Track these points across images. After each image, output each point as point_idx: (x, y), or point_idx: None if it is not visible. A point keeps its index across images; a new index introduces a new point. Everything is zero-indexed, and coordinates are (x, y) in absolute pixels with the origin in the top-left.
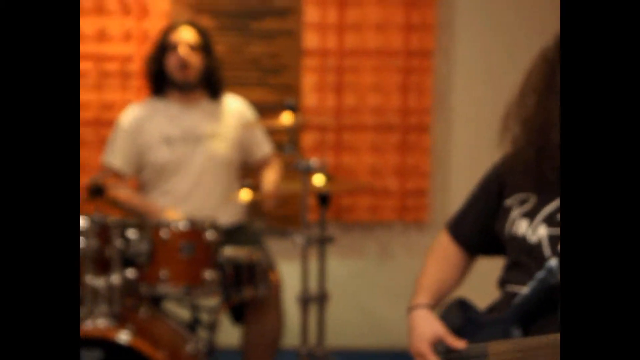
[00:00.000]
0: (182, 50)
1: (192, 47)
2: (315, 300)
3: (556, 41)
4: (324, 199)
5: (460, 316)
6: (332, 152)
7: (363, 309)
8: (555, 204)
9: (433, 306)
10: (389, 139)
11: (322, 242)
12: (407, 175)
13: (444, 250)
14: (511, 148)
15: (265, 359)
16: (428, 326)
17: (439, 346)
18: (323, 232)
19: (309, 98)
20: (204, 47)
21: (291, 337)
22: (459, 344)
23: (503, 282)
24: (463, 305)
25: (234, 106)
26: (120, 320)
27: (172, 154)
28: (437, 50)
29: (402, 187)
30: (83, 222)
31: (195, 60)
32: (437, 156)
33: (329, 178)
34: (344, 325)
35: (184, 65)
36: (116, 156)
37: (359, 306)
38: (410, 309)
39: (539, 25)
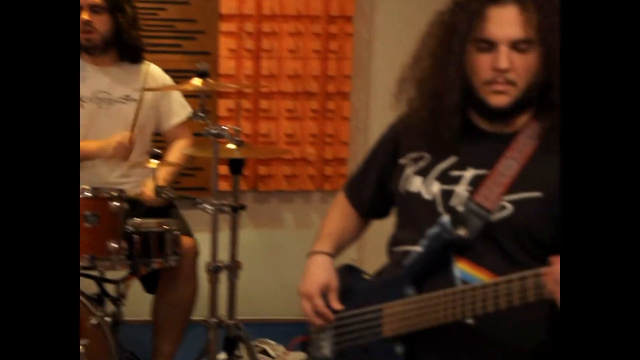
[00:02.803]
0: (84, 14)
1: (96, 9)
2: (225, 270)
3: (452, 5)
4: (236, 166)
5: (349, 280)
6: (250, 120)
7: (279, 279)
8: (448, 161)
9: (333, 257)
10: (308, 106)
11: (234, 210)
12: (326, 143)
13: (344, 207)
14: (406, 110)
15: (175, 330)
16: (324, 274)
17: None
18: (235, 200)
19: (226, 64)
20: (112, 7)
21: (202, 308)
22: (336, 305)
23: (394, 244)
24: (351, 270)
25: (150, 72)
26: None
27: (81, 116)
28: (357, 15)
29: (320, 155)
30: None
31: (100, 23)
32: (357, 124)
33: (242, 145)
34: (258, 296)
35: (85, 29)
36: None
37: (275, 277)
38: (312, 252)
39: None
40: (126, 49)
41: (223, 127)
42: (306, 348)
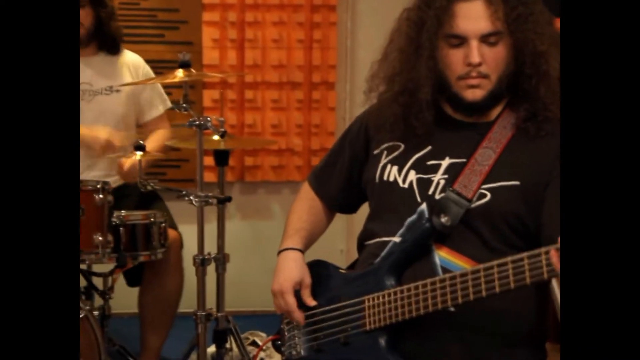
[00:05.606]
0: None
1: (80, 3)
2: (213, 262)
3: (418, 1)
4: (221, 157)
5: (321, 275)
6: (235, 111)
7: (268, 270)
8: (423, 152)
9: (303, 253)
10: (293, 97)
11: (220, 202)
12: (312, 134)
13: (311, 201)
14: (376, 103)
15: (162, 323)
16: (297, 270)
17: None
18: (221, 191)
19: (210, 54)
20: (94, 2)
21: (190, 300)
22: (310, 301)
23: (368, 237)
24: (323, 264)
25: (131, 62)
26: None
27: None
28: (341, 4)
29: (307, 146)
30: None
31: (83, 17)
32: (342, 114)
33: (226, 135)
34: (246, 288)
35: None
36: None
37: (263, 268)
38: (283, 249)
39: None
40: (106, 41)
41: (207, 118)
42: (279, 347)
